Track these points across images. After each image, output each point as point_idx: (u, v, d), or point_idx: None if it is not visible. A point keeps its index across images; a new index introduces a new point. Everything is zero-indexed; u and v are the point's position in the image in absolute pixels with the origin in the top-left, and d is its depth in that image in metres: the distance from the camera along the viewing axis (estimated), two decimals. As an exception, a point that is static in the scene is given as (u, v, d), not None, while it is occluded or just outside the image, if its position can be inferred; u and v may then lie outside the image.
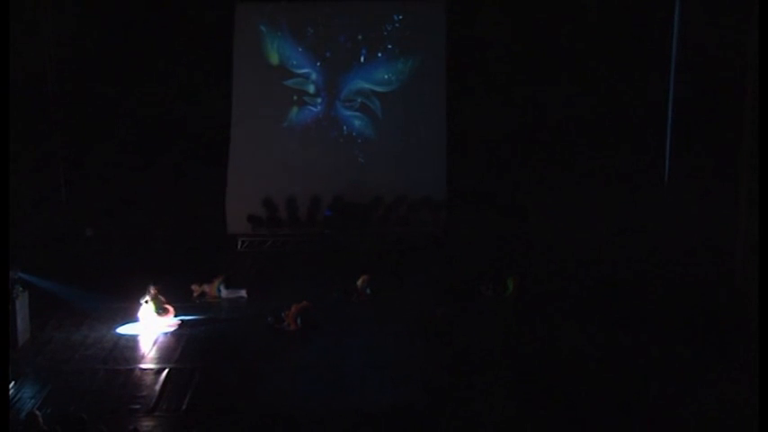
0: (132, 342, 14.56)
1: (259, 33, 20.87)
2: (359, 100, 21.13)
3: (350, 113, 21.15)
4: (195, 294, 16.86)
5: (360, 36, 20.90)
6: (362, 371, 13.12)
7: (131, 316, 15.30)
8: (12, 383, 12.45)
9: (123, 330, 15.01)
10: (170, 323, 15.25)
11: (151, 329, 15.02)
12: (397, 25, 20.82)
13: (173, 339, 14.72)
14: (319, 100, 21.14)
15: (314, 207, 20.85)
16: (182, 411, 11.82)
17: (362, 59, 20.97)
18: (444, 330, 14.60)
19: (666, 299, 15.96)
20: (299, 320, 14.96)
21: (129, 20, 19.75)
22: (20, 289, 14.14)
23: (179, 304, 15.76)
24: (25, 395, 12.27)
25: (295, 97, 21.11)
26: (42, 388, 12.48)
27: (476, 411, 11.59)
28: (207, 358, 13.84)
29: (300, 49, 20.92)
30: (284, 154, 20.96)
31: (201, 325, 15.43)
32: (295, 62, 20.98)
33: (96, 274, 17.50)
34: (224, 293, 16.99)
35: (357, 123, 21.16)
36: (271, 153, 20.94)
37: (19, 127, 17.36)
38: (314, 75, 21.04)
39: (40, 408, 11.59)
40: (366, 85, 21.07)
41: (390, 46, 20.93)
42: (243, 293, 17.08)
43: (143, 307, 15.20)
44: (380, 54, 20.94)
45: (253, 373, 13.11)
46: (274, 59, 20.99)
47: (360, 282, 16.91)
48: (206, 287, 16.99)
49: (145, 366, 13.49)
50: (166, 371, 13.13)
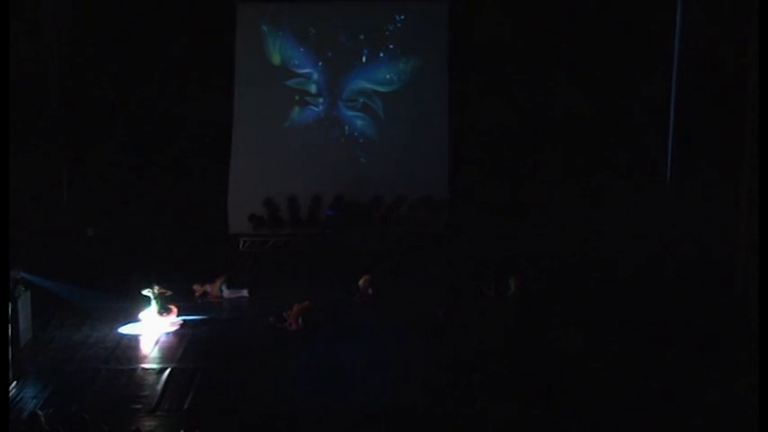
0: (134, 342, 14.57)
1: (261, 33, 20.89)
2: (360, 100, 21.14)
3: (351, 113, 21.16)
4: (197, 294, 16.88)
5: (361, 36, 20.92)
6: (364, 370, 13.13)
7: (133, 316, 15.32)
8: (14, 383, 12.47)
9: (125, 330, 15.02)
10: (172, 323, 15.26)
11: (153, 329, 15.02)
12: (399, 25, 20.83)
13: (175, 339, 14.72)
14: (321, 100, 21.16)
15: (315, 207, 20.86)
16: (183, 411, 11.82)
17: (364, 59, 20.99)
18: (445, 330, 14.61)
19: (668, 299, 15.95)
20: (301, 320, 14.96)
21: (132, 20, 19.78)
22: (22, 289, 14.14)
23: (181, 304, 15.76)
24: (27, 395, 12.28)
25: (297, 97, 21.13)
26: (44, 388, 12.49)
27: (476, 411, 11.60)
28: (209, 358, 13.85)
29: (302, 49, 20.94)
30: (286, 154, 20.97)
31: (203, 325, 15.43)
32: (297, 62, 20.99)
33: (98, 274, 17.50)
34: (226, 293, 17.01)
35: (359, 123, 21.17)
36: (272, 153, 20.96)
37: (21, 126, 17.36)
38: (315, 75, 21.06)
39: (42, 407, 11.60)
40: (368, 85, 21.09)
41: (392, 46, 20.94)
42: (245, 293, 17.09)
43: (145, 296, 15.26)
44: (382, 54, 20.95)
45: (254, 373, 13.12)
46: (276, 59, 21.01)
47: (361, 281, 16.90)
48: (208, 287, 17.00)
49: (147, 366, 13.50)
50: (168, 371, 13.13)
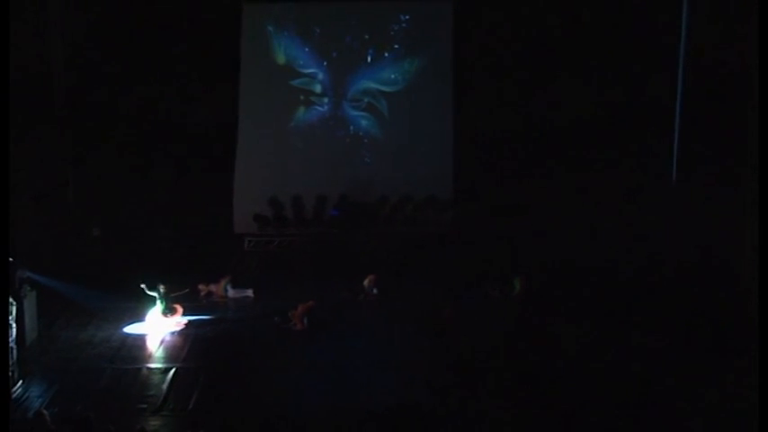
0: (139, 341, 14.61)
1: (266, 33, 20.89)
2: (365, 100, 21.14)
3: (356, 113, 21.16)
4: (202, 294, 16.91)
5: (366, 36, 20.91)
6: (368, 370, 13.14)
7: (138, 315, 15.35)
8: (19, 382, 12.51)
9: (130, 330, 15.06)
10: (177, 323, 15.30)
11: (158, 329, 15.06)
12: (404, 25, 20.82)
13: (179, 339, 14.77)
14: (326, 100, 21.16)
15: (320, 207, 20.86)
16: (188, 411, 11.85)
17: (369, 59, 20.99)
18: (450, 330, 14.62)
19: (670, 300, 15.94)
20: (306, 320, 14.99)
21: (136, 20, 19.79)
22: (27, 288, 14.18)
23: (186, 304, 15.80)
24: (33, 394, 12.32)
25: (302, 97, 21.13)
26: (50, 387, 12.53)
27: (480, 411, 11.60)
28: (213, 358, 13.88)
29: (307, 49, 20.94)
30: (291, 154, 20.99)
31: (208, 325, 15.47)
32: (302, 62, 21.00)
33: (103, 274, 17.54)
34: (231, 293, 17.06)
35: (364, 123, 21.17)
36: (277, 153, 20.97)
37: (26, 126, 17.42)
38: (320, 75, 21.06)
39: (48, 407, 11.63)
40: (373, 85, 21.08)
41: (397, 46, 20.93)
42: (249, 293, 17.14)
43: (150, 296, 15.29)
44: (387, 54, 20.94)
45: (259, 373, 13.15)
46: (281, 59, 21.02)
47: (366, 281, 16.94)
48: (213, 287, 17.05)
49: (152, 366, 13.53)
50: (173, 370, 13.17)
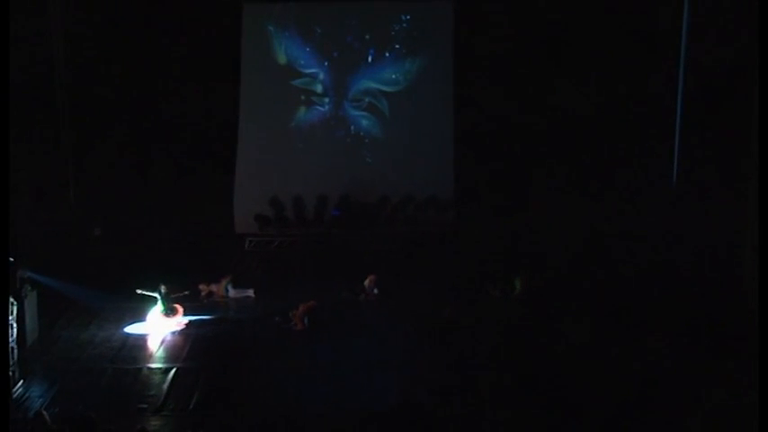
0: (140, 341, 14.61)
1: (267, 33, 20.90)
2: (366, 100, 21.14)
3: (357, 113, 21.17)
4: (203, 294, 16.91)
5: (367, 36, 20.92)
6: (369, 370, 13.14)
7: (139, 315, 15.35)
8: (20, 382, 12.51)
9: (131, 330, 15.06)
10: (178, 323, 15.29)
11: (159, 329, 15.06)
12: (405, 25, 20.83)
13: (180, 339, 14.76)
14: (327, 100, 21.16)
15: (321, 207, 20.87)
16: (189, 411, 11.84)
17: (370, 59, 20.99)
18: (451, 330, 14.61)
19: (671, 300, 15.94)
20: (307, 320, 14.99)
21: (137, 20, 19.81)
22: (28, 288, 14.18)
23: (187, 304, 15.80)
24: (33, 394, 12.31)
25: (303, 97, 21.15)
26: (50, 387, 12.52)
27: (481, 411, 11.60)
28: (214, 358, 13.88)
29: (308, 49, 20.95)
30: (291, 154, 21.00)
31: (209, 325, 15.47)
32: (303, 62, 21.00)
33: (104, 274, 17.54)
34: (231, 293, 17.05)
35: (364, 123, 21.18)
36: (278, 153, 20.98)
37: (26, 126, 17.42)
38: (321, 74, 21.07)
39: (48, 407, 11.63)
40: (373, 85, 21.09)
41: (398, 46, 20.94)
42: (250, 293, 17.14)
43: (151, 297, 15.30)
44: (388, 54, 20.95)
45: (260, 373, 13.14)
46: (282, 59, 21.03)
47: (367, 281, 16.94)
48: (213, 287, 17.04)
49: (153, 366, 13.52)
50: (174, 370, 13.16)
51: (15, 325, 12.91)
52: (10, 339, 12.51)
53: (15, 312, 12.99)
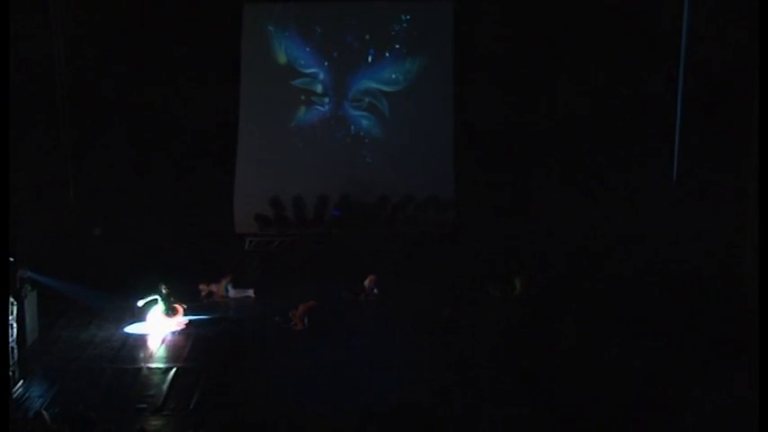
0: (140, 341, 14.60)
1: (267, 33, 20.91)
2: (366, 100, 21.14)
3: (357, 113, 21.16)
4: (203, 294, 16.89)
5: (367, 36, 20.92)
6: (369, 370, 13.13)
7: (139, 315, 15.34)
8: (20, 382, 12.51)
9: (131, 330, 15.05)
10: (178, 323, 15.29)
11: (159, 329, 15.05)
12: (405, 25, 20.83)
13: (181, 339, 14.75)
14: (327, 100, 21.17)
15: (321, 207, 20.87)
16: (189, 410, 11.84)
17: (370, 59, 20.99)
18: (451, 330, 14.61)
19: (671, 300, 15.93)
20: (307, 320, 14.98)
21: (137, 20, 19.82)
22: (28, 288, 14.16)
23: (187, 304, 15.79)
24: (33, 394, 12.30)
25: (303, 97, 21.14)
26: (50, 387, 12.51)
27: (481, 411, 11.60)
28: (214, 358, 13.87)
29: (308, 49, 20.95)
30: (292, 153, 21.00)
31: (209, 325, 15.46)
32: (303, 62, 21.01)
33: (104, 274, 17.52)
34: (231, 293, 17.03)
35: (364, 123, 21.17)
36: (278, 153, 20.98)
37: (26, 126, 17.42)
38: (321, 74, 21.07)
39: (48, 407, 11.62)
40: (373, 85, 21.09)
41: (398, 46, 20.93)
42: (250, 293, 17.12)
43: (150, 304, 15.31)
44: (388, 54, 20.95)
45: (260, 373, 13.14)
46: (282, 59, 21.03)
47: (367, 281, 16.92)
48: (213, 287, 17.01)
49: (152, 366, 13.52)
50: (174, 370, 13.15)
51: (15, 325, 12.92)
52: (10, 339, 12.52)
53: (15, 312, 13.00)
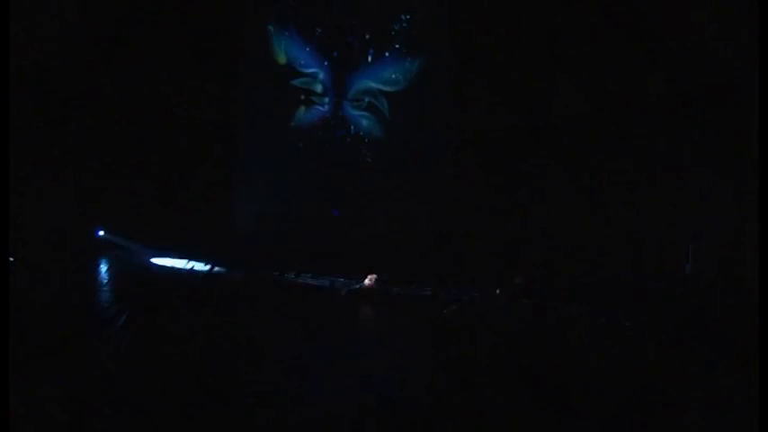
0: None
1: (266, 33, 20.94)
2: (366, 99, 21.17)
3: (357, 113, 21.19)
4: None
5: (367, 35, 20.94)
6: (369, 370, 13.13)
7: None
8: None
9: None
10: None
11: None
12: (405, 25, 20.84)
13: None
14: (327, 99, 21.19)
15: (321, 207, 20.90)
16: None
17: (370, 59, 21.01)
18: (451, 330, 14.62)
19: (671, 299, 15.95)
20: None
21: (136, 19, 19.84)
22: None
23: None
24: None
25: (302, 97, 21.18)
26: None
27: (481, 411, 11.60)
28: (214, 358, 13.84)
29: (308, 49, 20.97)
30: (291, 153, 21.03)
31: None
32: (302, 62, 21.03)
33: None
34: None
35: (364, 123, 21.19)
36: (278, 153, 21.01)
37: (26, 126, 17.44)
38: (321, 74, 21.09)
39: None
40: (373, 85, 21.11)
41: (398, 45, 20.95)
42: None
43: None
44: (388, 53, 20.96)
45: (260, 372, 13.12)
46: (282, 59, 21.06)
47: (367, 281, 16.94)
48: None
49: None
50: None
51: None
52: None
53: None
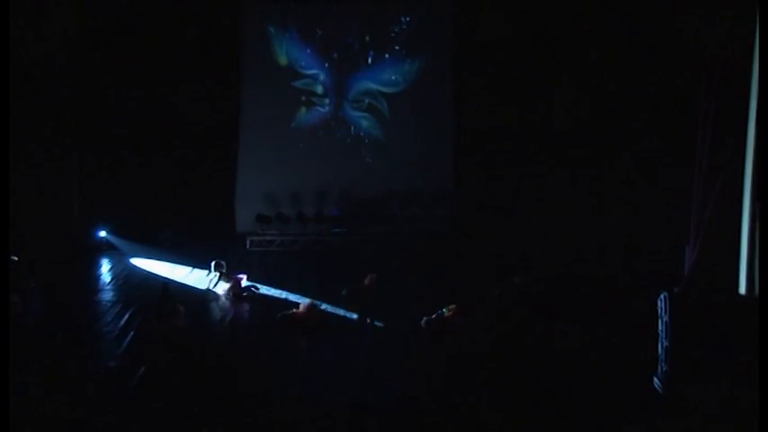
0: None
1: (267, 34, 20.95)
2: (366, 100, 21.20)
3: (357, 114, 21.21)
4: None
5: (367, 37, 20.98)
6: (369, 370, 13.13)
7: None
8: None
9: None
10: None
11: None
12: (405, 26, 20.87)
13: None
14: (327, 100, 21.22)
15: (321, 207, 20.91)
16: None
17: (370, 60, 21.04)
18: (451, 330, 14.61)
19: (670, 299, 15.90)
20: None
21: (138, 20, 19.86)
22: None
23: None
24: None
25: (303, 98, 21.21)
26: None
27: (481, 411, 11.60)
28: (213, 357, 13.86)
29: (308, 51, 20.99)
30: (292, 154, 21.05)
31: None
32: (303, 63, 21.06)
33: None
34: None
35: (364, 124, 21.22)
36: (279, 153, 21.03)
37: (27, 126, 17.45)
38: (322, 75, 21.12)
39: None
40: (373, 86, 21.14)
41: (397, 47, 20.99)
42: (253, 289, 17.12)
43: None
44: (388, 55, 21.00)
45: (260, 373, 13.13)
46: (283, 60, 21.08)
47: (367, 281, 16.92)
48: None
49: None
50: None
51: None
52: None
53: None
